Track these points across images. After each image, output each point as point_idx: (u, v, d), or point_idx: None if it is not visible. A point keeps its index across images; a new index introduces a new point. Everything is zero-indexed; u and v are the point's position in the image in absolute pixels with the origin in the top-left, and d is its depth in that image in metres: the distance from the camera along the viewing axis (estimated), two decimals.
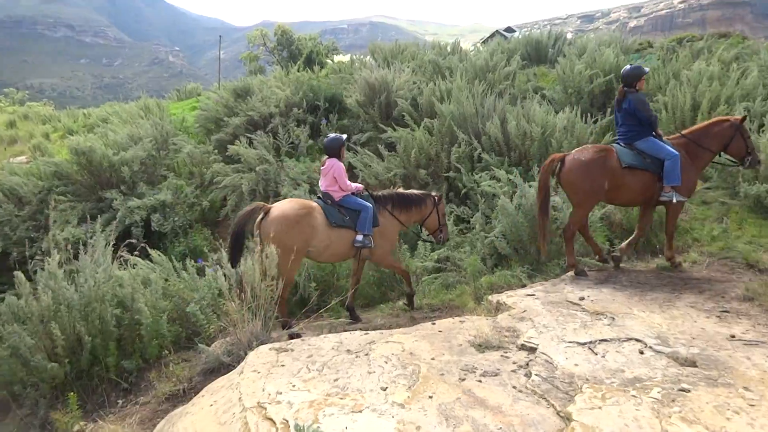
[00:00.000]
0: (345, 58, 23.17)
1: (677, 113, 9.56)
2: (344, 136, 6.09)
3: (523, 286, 6.10)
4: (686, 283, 5.66)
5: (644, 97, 6.18)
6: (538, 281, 6.16)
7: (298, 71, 17.14)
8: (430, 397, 3.33)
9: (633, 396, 3.24)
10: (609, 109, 10.65)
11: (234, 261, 5.31)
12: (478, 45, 22.25)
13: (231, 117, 12.97)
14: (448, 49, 17.13)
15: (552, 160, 6.14)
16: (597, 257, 6.43)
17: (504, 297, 5.44)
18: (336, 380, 3.61)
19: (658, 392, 3.27)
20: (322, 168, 5.96)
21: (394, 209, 6.12)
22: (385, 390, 3.44)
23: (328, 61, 25.42)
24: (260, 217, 5.44)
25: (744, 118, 6.26)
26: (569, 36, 19.80)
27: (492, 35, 34.74)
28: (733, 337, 4.15)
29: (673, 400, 3.17)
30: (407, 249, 7.29)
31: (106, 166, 10.85)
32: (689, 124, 9.30)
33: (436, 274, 7.04)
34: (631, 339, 4.13)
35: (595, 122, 9.66)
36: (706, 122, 6.53)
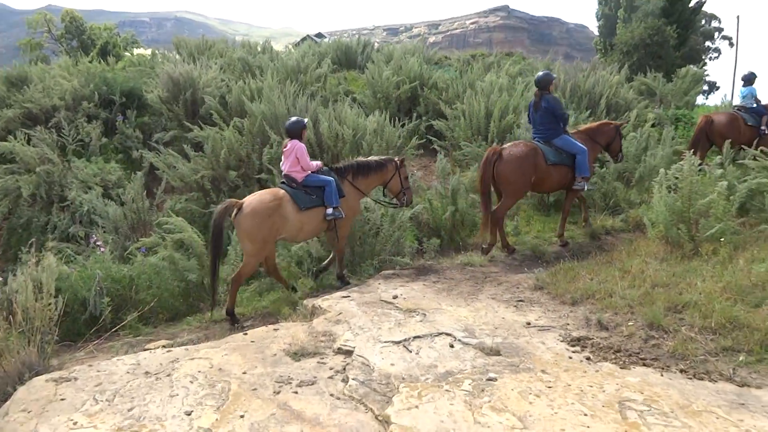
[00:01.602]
0: (147, 52, 21.34)
1: (473, 120, 10.36)
2: (306, 120, 6.22)
3: (339, 287, 6.05)
4: (487, 276, 6.08)
5: (559, 98, 7.14)
6: (354, 282, 6.15)
7: (90, 62, 15.34)
8: (242, 417, 3.04)
9: (447, 391, 3.29)
10: (415, 114, 11.22)
11: (215, 262, 5.49)
12: (290, 47, 22.06)
13: (3, 109, 11.10)
14: (259, 48, 16.68)
15: (493, 152, 6.80)
16: (503, 246, 7.03)
17: (320, 301, 5.31)
18: (131, 410, 3.13)
19: (469, 384, 3.37)
20: (284, 150, 6.02)
21: (354, 178, 6.34)
22: (189, 414, 3.06)
23: (127, 54, 23.22)
24: (234, 213, 5.50)
25: (622, 124, 7.80)
26: (377, 45, 20.58)
27: (303, 39, 34.82)
28: (529, 324, 4.50)
29: (482, 391, 3.28)
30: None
31: None
32: (484, 130, 10.15)
33: (249, 280, 6.68)
34: (441, 333, 4.25)
35: (402, 126, 10.04)
36: (596, 123, 7.75)
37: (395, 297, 5.24)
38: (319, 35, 44.73)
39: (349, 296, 5.36)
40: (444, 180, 8.32)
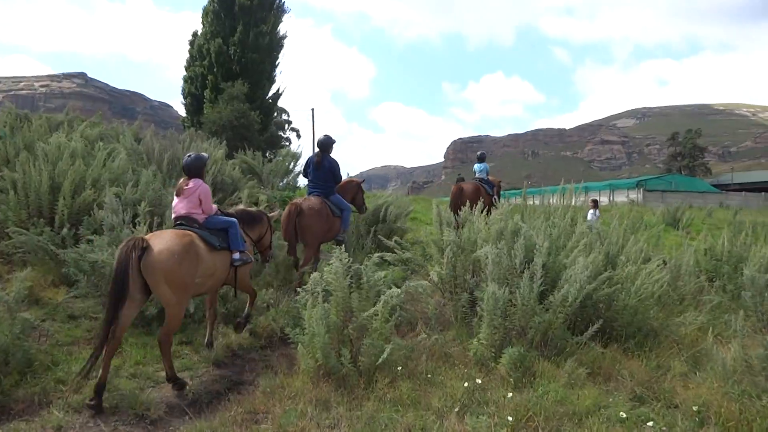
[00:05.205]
0: None
1: (31, 195, 7.16)
2: (206, 155, 5.48)
3: None
4: None
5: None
6: None
7: None
8: None
9: None
10: None
11: (115, 311, 4.22)
12: None
13: None
14: None
15: (294, 207, 7.12)
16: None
17: None
18: None
19: None
20: (185, 188, 5.14)
21: (244, 227, 5.72)
22: None
23: None
24: (136, 255, 4.30)
25: (363, 181, 8.94)
26: None
27: None
28: None
29: None
30: None
31: None
32: (48, 210, 7.12)
33: None
34: None
35: None
36: (342, 181, 8.28)
37: None
38: None
39: None
40: None
